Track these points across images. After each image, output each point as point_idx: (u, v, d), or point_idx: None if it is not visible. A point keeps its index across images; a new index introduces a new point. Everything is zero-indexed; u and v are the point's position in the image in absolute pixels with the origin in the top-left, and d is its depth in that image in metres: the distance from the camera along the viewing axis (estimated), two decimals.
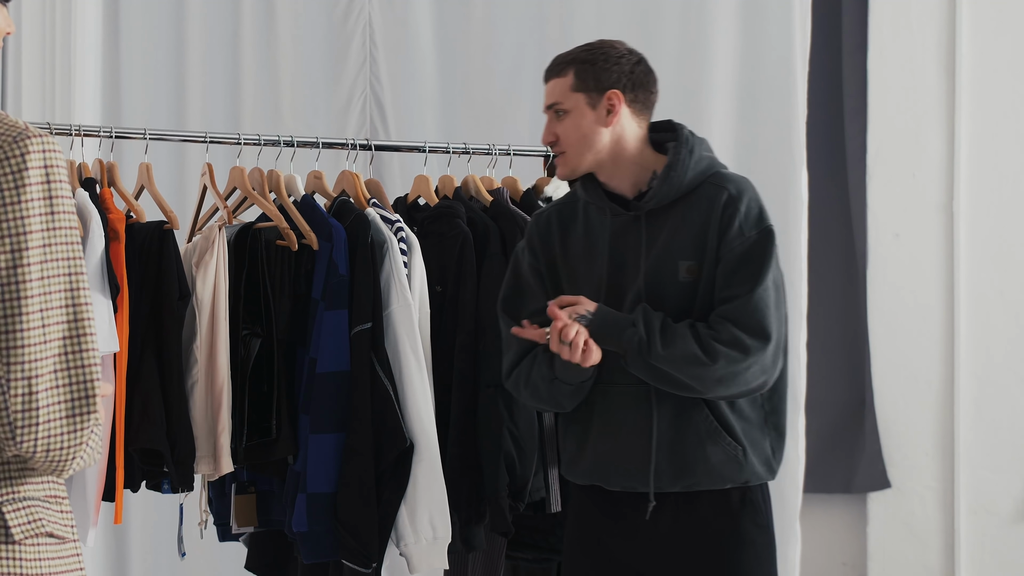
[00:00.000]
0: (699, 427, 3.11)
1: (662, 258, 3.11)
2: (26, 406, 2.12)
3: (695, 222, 3.11)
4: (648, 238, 3.14)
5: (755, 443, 3.14)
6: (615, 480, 3.16)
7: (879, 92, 5.36)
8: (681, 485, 3.12)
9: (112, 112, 4.97)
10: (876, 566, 5.39)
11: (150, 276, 3.41)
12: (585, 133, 3.15)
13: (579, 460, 3.20)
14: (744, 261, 3.08)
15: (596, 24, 4.96)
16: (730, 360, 3.03)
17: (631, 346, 3.05)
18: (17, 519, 2.20)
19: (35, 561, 2.21)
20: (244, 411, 3.46)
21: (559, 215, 3.27)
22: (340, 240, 3.45)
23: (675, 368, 3.04)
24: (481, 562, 3.71)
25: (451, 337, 3.57)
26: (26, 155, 2.13)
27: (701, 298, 3.11)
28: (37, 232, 2.13)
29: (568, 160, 3.18)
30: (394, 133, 4.98)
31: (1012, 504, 5.29)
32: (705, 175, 3.15)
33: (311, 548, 3.42)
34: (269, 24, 5.02)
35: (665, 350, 3.03)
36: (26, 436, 2.13)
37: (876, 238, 5.36)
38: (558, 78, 3.17)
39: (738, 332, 3.04)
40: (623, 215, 3.16)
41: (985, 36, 5.29)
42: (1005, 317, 5.29)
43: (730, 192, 3.12)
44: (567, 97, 3.16)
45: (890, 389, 5.37)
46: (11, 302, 2.12)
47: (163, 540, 4.81)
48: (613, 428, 3.15)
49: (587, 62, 3.15)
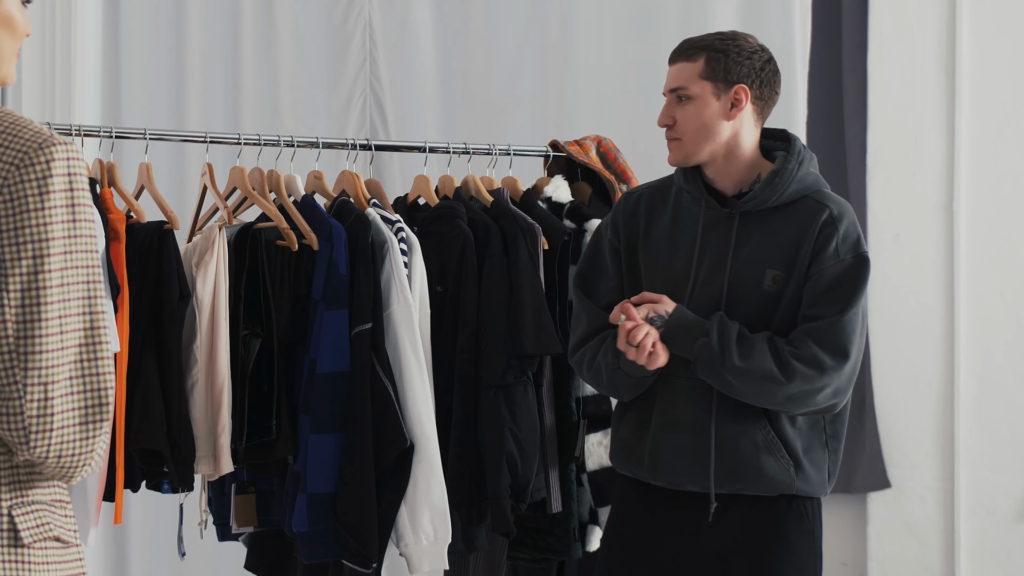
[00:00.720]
0: (756, 436, 3.08)
1: (750, 261, 3.09)
2: (41, 412, 2.12)
3: (790, 233, 3.09)
4: (738, 238, 3.11)
5: (812, 461, 3.11)
6: (664, 475, 3.14)
7: (879, 92, 5.36)
8: (729, 488, 3.11)
9: (112, 112, 4.97)
10: (876, 566, 5.40)
11: (150, 276, 3.40)
12: (706, 123, 3.12)
13: (631, 451, 3.18)
14: (837, 283, 3.06)
15: (596, 24, 4.97)
16: (805, 379, 3.02)
17: (703, 355, 3.03)
18: (26, 523, 2.21)
19: (43, 565, 2.22)
20: (244, 411, 3.46)
21: (650, 198, 3.24)
22: (340, 240, 3.45)
23: (747, 382, 3.02)
24: (482, 562, 3.71)
25: (452, 337, 3.57)
26: (51, 162, 2.14)
27: (782, 311, 3.09)
28: (59, 239, 2.14)
29: (683, 147, 3.14)
30: (394, 133, 4.98)
31: (1012, 504, 5.29)
32: (809, 190, 3.13)
33: (311, 548, 3.42)
34: (269, 24, 5.02)
35: (742, 362, 3.01)
36: (39, 442, 2.13)
37: (876, 238, 5.37)
38: (687, 62, 3.13)
39: (819, 351, 3.02)
40: (717, 211, 3.14)
41: (985, 36, 5.29)
42: (1005, 317, 5.29)
43: (831, 211, 3.10)
44: (694, 83, 3.12)
45: (890, 389, 5.38)
46: (31, 308, 2.13)
47: (163, 540, 4.81)
48: (670, 422, 3.13)
49: (720, 51, 3.12)
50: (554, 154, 3.93)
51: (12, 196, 2.12)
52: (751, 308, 3.08)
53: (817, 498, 3.16)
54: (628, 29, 4.99)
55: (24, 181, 2.12)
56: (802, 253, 3.08)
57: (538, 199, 3.82)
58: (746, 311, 3.08)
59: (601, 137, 3.97)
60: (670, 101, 3.15)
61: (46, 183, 2.13)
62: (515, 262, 3.58)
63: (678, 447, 3.11)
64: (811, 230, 3.08)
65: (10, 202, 2.12)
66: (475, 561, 3.71)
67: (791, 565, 3.13)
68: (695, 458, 3.10)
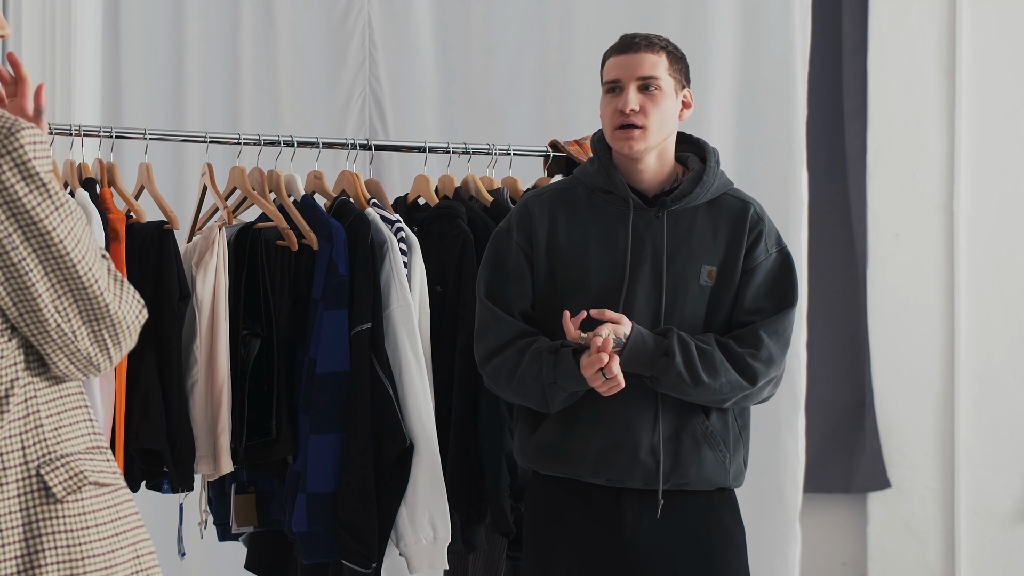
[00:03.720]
0: (695, 430, 3.13)
1: (685, 259, 3.12)
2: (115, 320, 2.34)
3: (720, 230, 3.15)
4: (670, 237, 3.14)
5: (735, 451, 3.18)
6: (602, 472, 3.15)
7: (879, 92, 5.36)
8: (671, 483, 3.13)
9: (112, 112, 4.97)
10: (876, 566, 5.40)
11: (150, 276, 3.40)
12: (669, 117, 3.15)
13: (558, 449, 3.17)
14: (774, 278, 3.16)
15: (596, 24, 4.96)
16: (763, 376, 3.11)
17: (667, 376, 3.05)
18: (57, 477, 2.25)
19: (80, 516, 2.27)
20: (244, 411, 3.46)
21: (560, 200, 3.23)
22: (340, 240, 3.45)
23: (715, 394, 3.07)
24: (482, 562, 3.71)
25: (451, 337, 3.57)
26: (25, 145, 2.20)
27: (716, 305, 3.15)
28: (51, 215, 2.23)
29: (648, 136, 3.13)
30: (393, 133, 4.98)
31: (1012, 504, 5.29)
32: (725, 187, 3.20)
33: (311, 548, 3.42)
34: (268, 24, 5.02)
35: (710, 379, 3.06)
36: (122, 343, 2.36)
37: (876, 238, 5.37)
38: (652, 55, 3.14)
39: (771, 345, 3.10)
40: (646, 210, 3.15)
41: (985, 36, 5.29)
42: (1005, 317, 5.29)
43: (755, 208, 3.19)
44: (664, 76, 3.14)
45: (890, 389, 5.38)
46: (57, 261, 2.24)
47: (163, 540, 4.81)
48: (608, 421, 3.13)
49: (675, 52, 3.18)
50: (554, 154, 3.93)
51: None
52: (688, 305, 3.13)
53: (734, 490, 3.22)
54: (628, 29, 4.95)
55: (4, 170, 2.19)
56: (735, 250, 3.14)
57: None
58: (684, 308, 3.13)
59: None
60: (634, 88, 3.13)
61: (26, 167, 2.19)
62: None
63: (618, 445, 3.12)
64: (742, 227, 3.15)
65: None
66: (475, 561, 3.71)
67: (734, 557, 3.18)
68: (636, 454, 3.11)
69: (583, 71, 4.98)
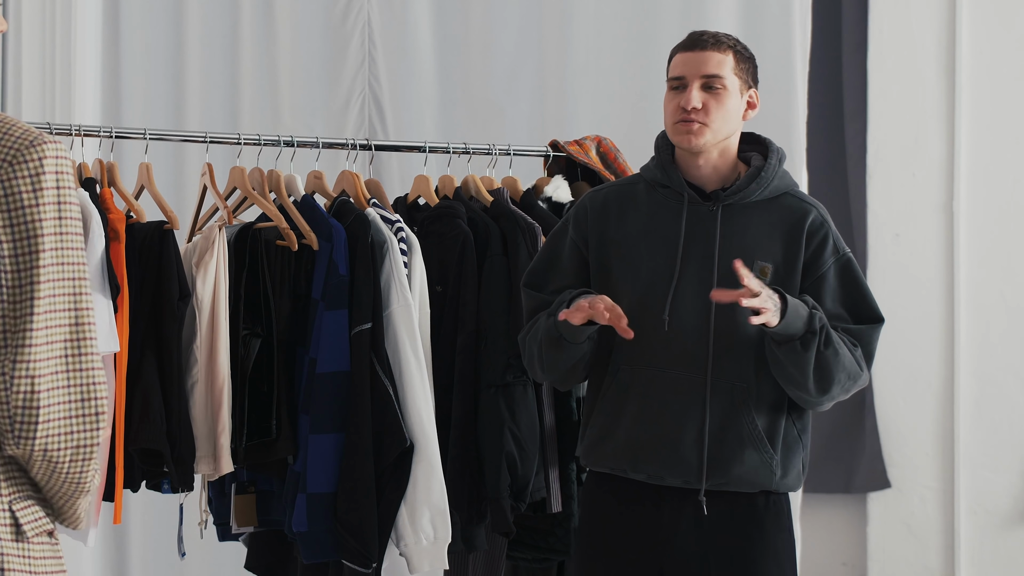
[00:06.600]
0: (742, 430, 3.10)
1: (738, 254, 3.09)
2: (27, 403, 2.15)
3: (777, 229, 3.13)
4: (723, 230, 3.13)
5: (789, 455, 3.14)
6: (643, 467, 3.14)
7: (879, 92, 5.36)
8: (711, 483, 3.11)
9: (112, 112, 4.97)
10: (876, 566, 5.40)
11: (150, 276, 3.40)
12: (733, 116, 3.15)
13: (605, 443, 3.17)
14: (847, 287, 3.14)
15: (595, 24, 4.96)
16: (849, 381, 3.12)
17: (818, 327, 3.04)
18: (26, 516, 2.24)
19: (41, 559, 2.26)
20: (244, 411, 3.46)
21: (619, 196, 3.25)
22: (340, 240, 3.45)
23: (834, 368, 3.07)
24: (482, 562, 3.71)
25: (452, 337, 3.57)
26: (43, 160, 2.18)
27: None
28: (50, 236, 2.18)
29: (709, 133, 3.13)
30: (393, 133, 4.98)
31: (1012, 504, 5.29)
32: (787, 188, 3.19)
33: (311, 548, 3.42)
34: (268, 24, 5.02)
35: (833, 348, 3.05)
36: (25, 433, 2.16)
37: (876, 238, 5.37)
38: (719, 53, 3.14)
39: (859, 356, 3.12)
40: (700, 205, 3.15)
41: (985, 36, 5.29)
42: (1005, 317, 5.29)
43: (819, 211, 3.18)
44: (729, 75, 3.14)
45: (890, 389, 5.38)
46: (22, 302, 2.17)
47: (163, 540, 4.81)
48: (654, 415, 3.12)
49: (743, 52, 3.18)
50: (554, 154, 3.93)
51: (5, 192, 2.16)
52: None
53: (788, 495, 3.19)
54: (627, 29, 4.99)
55: (17, 177, 2.17)
56: (794, 249, 3.13)
57: (538, 199, 3.82)
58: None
59: (601, 137, 3.97)
60: (698, 86, 3.13)
61: (39, 180, 2.17)
62: (515, 262, 3.58)
63: (661, 440, 3.11)
64: (801, 228, 3.14)
65: (3, 198, 2.16)
66: (475, 561, 3.71)
67: (772, 567, 3.14)
68: (682, 452, 3.10)
69: (583, 71, 4.98)
